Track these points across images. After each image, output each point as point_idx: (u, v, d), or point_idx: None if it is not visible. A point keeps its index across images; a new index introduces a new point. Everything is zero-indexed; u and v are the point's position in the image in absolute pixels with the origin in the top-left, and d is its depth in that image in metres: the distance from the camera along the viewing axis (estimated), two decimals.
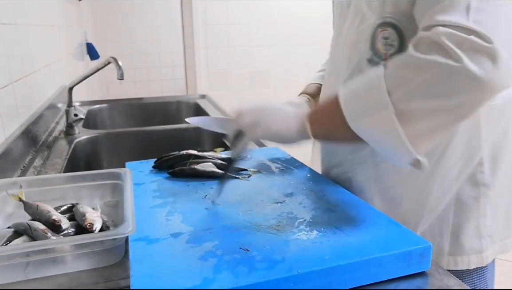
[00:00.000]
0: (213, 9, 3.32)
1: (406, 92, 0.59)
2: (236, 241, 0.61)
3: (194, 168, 0.90)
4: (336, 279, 0.55)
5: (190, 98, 2.16)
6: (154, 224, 0.67)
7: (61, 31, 2.01)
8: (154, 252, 0.58)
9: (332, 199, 0.76)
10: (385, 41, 0.74)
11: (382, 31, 0.74)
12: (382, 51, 0.75)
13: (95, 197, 0.78)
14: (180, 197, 0.79)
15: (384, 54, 0.75)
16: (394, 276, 0.58)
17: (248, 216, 0.70)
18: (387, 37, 0.74)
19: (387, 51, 0.74)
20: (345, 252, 0.58)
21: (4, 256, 0.56)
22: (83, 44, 2.80)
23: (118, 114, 2.00)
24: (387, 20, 0.73)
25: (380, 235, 0.62)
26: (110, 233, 0.60)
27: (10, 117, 1.09)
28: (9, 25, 1.15)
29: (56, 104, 1.63)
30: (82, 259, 0.60)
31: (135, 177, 0.87)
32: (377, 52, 0.76)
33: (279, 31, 3.46)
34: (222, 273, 0.53)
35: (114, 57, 1.33)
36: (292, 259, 0.56)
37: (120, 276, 0.59)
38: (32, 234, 0.61)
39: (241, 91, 3.52)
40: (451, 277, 0.59)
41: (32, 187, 0.75)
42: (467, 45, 0.56)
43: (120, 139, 1.49)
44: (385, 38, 0.74)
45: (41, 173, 1.07)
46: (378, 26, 0.75)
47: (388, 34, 0.74)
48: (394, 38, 0.73)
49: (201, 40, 3.35)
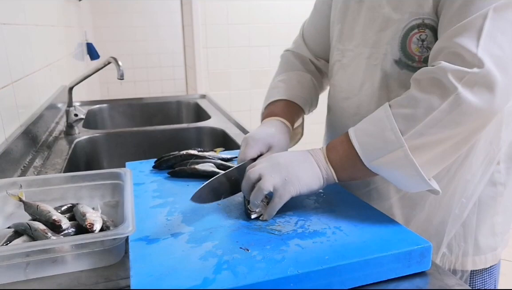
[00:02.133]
0: (213, 9, 3.32)
1: (417, 130, 0.63)
2: (236, 241, 0.61)
3: (194, 168, 0.90)
4: (336, 279, 0.55)
5: (190, 98, 2.16)
6: (154, 224, 0.67)
7: (61, 31, 2.02)
8: (154, 252, 0.58)
9: (332, 199, 0.76)
10: (421, 43, 0.72)
11: (418, 32, 0.72)
12: (416, 53, 0.74)
13: (95, 197, 0.78)
14: (180, 197, 0.79)
15: (418, 57, 0.73)
16: (394, 276, 0.58)
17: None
18: (424, 39, 0.72)
19: (422, 54, 0.73)
20: (345, 252, 0.58)
21: (4, 256, 0.56)
22: (83, 44, 2.80)
23: (118, 114, 2.00)
24: (425, 21, 0.71)
25: (380, 235, 0.62)
26: (110, 233, 0.60)
27: (10, 117, 1.09)
28: (9, 25, 1.15)
29: (56, 104, 1.63)
30: (82, 259, 0.60)
31: (135, 177, 0.87)
32: (409, 54, 0.74)
33: (279, 31, 3.46)
34: (222, 273, 0.53)
35: (114, 57, 1.33)
36: (292, 259, 0.56)
37: (120, 276, 0.59)
38: (32, 234, 0.61)
39: (241, 91, 3.52)
40: (451, 277, 0.59)
41: (32, 187, 0.75)
42: (467, 79, 0.60)
43: (120, 139, 1.49)
44: (422, 40, 0.72)
45: (41, 173, 1.07)
46: (415, 27, 0.72)
47: (425, 36, 0.72)
48: (432, 40, 0.71)
49: (201, 40, 3.35)
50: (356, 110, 0.84)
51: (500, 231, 0.85)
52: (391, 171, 0.66)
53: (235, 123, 1.56)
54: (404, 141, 0.63)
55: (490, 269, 0.87)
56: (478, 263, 0.85)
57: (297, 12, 3.46)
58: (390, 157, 0.64)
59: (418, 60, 0.74)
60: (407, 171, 0.64)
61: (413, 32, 0.73)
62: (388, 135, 0.64)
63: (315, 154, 0.71)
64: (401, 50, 0.75)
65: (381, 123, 0.65)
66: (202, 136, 1.55)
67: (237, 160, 0.80)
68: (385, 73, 0.77)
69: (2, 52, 1.06)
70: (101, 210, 0.72)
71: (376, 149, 0.65)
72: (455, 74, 0.60)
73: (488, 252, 0.85)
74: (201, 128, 1.57)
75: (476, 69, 0.60)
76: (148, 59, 3.43)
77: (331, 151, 0.71)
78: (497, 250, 0.86)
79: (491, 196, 0.82)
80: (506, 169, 0.82)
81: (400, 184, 0.68)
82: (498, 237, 0.85)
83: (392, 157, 0.64)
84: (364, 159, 0.67)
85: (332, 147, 0.72)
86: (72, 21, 2.41)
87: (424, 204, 0.82)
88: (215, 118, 1.67)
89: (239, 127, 1.51)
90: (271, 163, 0.69)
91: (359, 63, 0.82)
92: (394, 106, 0.66)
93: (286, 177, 0.67)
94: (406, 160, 0.63)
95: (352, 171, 0.70)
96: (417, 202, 0.82)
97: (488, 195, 0.82)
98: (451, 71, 0.61)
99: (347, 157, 0.69)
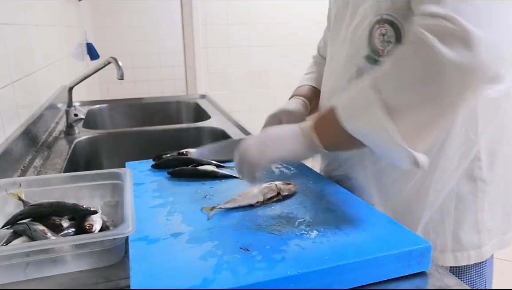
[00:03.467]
0: (213, 9, 3.32)
1: (392, 86, 0.61)
2: (236, 241, 0.61)
3: (194, 168, 0.90)
4: (336, 279, 0.55)
5: (190, 98, 2.16)
6: (154, 224, 0.67)
7: (61, 31, 2.02)
8: (154, 252, 0.58)
9: (332, 199, 0.76)
10: (382, 38, 0.76)
11: (379, 28, 0.76)
12: (379, 47, 0.77)
13: (95, 197, 0.78)
14: (180, 197, 0.79)
15: (382, 51, 0.76)
16: (394, 276, 0.58)
17: (248, 216, 0.70)
18: (384, 33, 0.75)
19: (384, 47, 0.76)
20: (345, 252, 0.58)
21: (4, 256, 0.56)
22: (83, 44, 2.80)
23: (118, 114, 2.00)
24: (384, 17, 0.75)
25: (380, 235, 0.62)
26: (110, 233, 0.60)
27: (10, 117, 1.09)
28: (9, 25, 1.15)
29: (56, 104, 1.63)
30: (82, 259, 0.60)
31: (135, 177, 0.87)
32: (374, 48, 0.77)
33: (279, 31, 3.46)
34: (222, 273, 0.53)
35: (114, 57, 1.33)
36: (292, 259, 0.56)
37: (120, 276, 0.59)
38: (31, 234, 0.61)
39: (241, 91, 3.52)
40: (451, 277, 0.59)
41: (32, 187, 0.75)
42: (439, 31, 0.57)
43: (120, 139, 1.49)
44: (382, 35, 0.75)
45: (41, 173, 1.07)
46: (376, 23, 0.76)
47: (385, 31, 0.75)
48: (391, 34, 0.74)
49: (201, 40, 3.35)
50: None
51: (487, 229, 0.84)
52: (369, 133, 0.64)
53: (235, 123, 1.56)
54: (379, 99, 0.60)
55: (478, 268, 0.87)
56: (460, 258, 0.84)
57: (297, 12, 3.46)
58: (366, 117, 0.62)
59: (382, 54, 0.76)
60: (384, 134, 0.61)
61: (375, 28, 0.76)
62: (365, 93, 0.63)
63: (303, 124, 0.73)
64: (368, 45, 0.78)
65: (361, 83, 0.65)
66: (202, 136, 1.55)
67: None
68: (360, 70, 0.80)
69: (2, 52, 1.06)
70: (101, 210, 0.72)
71: (353, 108, 0.65)
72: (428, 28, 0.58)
73: (471, 249, 0.84)
74: (201, 128, 1.57)
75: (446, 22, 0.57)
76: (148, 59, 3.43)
77: (318, 117, 0.73)
78: (482, 248, 0.84)
79: (471, 192, 0.82)
80: (488, 165, 0.81)
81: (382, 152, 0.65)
82: (483, 234, 0.84)
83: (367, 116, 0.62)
84: (342, 119, 0.65)
85: (319, 114, 0.74)
86: (72, 21, 2.41)
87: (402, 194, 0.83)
88: (215, 118, 1.67)
89: (239, 127, 1.51)
90: (255, 138, 0.75)
91: (340, 61, 0.86)
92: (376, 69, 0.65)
93: (264, 148, 0.72)
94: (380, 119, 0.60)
95: (335, 136, 0.70)
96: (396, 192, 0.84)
97: (468, 191, 0.82)
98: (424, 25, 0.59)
99: (329, 121, 0.69)
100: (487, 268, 0.88)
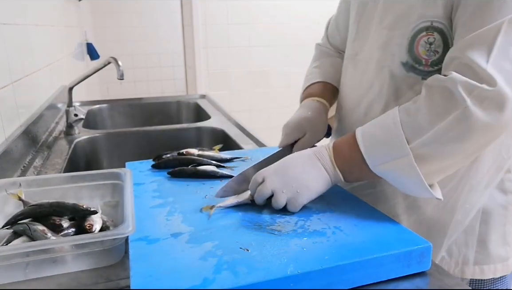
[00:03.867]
0: (213, 9, 3.32)
1: (424, 140, 0.63)
2: (236, 241, 0.61)
3: (194, 168, 0.90)
4: (336, 279, 0.55)
5: (190, 98, 2.16)
6: (154, 224, 0.67)
7: (61, 31, 2.01)
8: (154, 252, 0.58)
9: (332, 199, 0.76)
10: (429, 47, 0.71)
11: (426, 35, 0.71)
12: (423, 56, 0.72)
13: (95, 197, 0.78)
14: (180, 197, 0.79)
15: (425, 60, 0.72)
16: (394, 276, 0.58)
17: (248, 216, 0.70)
18: (432, 42, 0.71)
19: (429, 57, 0.72)
20: (345, 252, 0.58)
21: (4, 256, 0.56)
22: (83, 44, 2.80)
23: (118, 114, 2.00)
24: (434, 24, 0.70)
25: (380, 235, 0.62)
26: (110, 233, 0.60)
27: (10, 117, 1.09)
28: (9, 25, 1.15)
29: (56, 104, 1.63)
30: (82, 259, 0.60)
31: (135, 177, 0.87)
32: (416, 56, 0.73)
33: (279, 31, 3.46)
34: (222, 273, 0.53)
35: (114, 57, 1.33)
36: (292, 259, 0.56)
37: (120, 276, 0.59)
38: (31, 234, 0.61)
39: (241, 91, 3.52)
40: (451, 277, 0.59)
41: (32, 187, 0.75)
42: (477, 93, 0.59)
43: (120, 139, 1.49)
44: (429, 44, 0.71)
45: (41, 173, 1.07)
46: (423, 30, 0.71)
47: (433, 39, 0.71)
48: (440, 44, 0.70)
49: (201, 40, 3.35)
50: (365, 110, 0.84)
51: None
52: (395, 177, 0.67)
53: (235, 123, 1.56)
54: (410, 150, 0.63)
55: (500, 281, 0.86)
56: (486, 271, 0.83)
57: (297, 12, 3.46)
58: (395, 164, 0.65)
59: (425, 63, 0.72)
60: (411, 178, 0.64)
61: (421, 35, 0.72)
62: (394, 142, 0.64)
63: (321, 156, 0.71)
64: (408, 52, 0.74)
65: (388, 129, 0.66)
66: (202, 137, 1.55)
67: None
68: (393, 76, 0.77)
69: (2, 52, 1.06)
70: (101, 210, 0.72)
71: (382, 154, 0.66)
72: (465, 87, 0.60)
73: (498, 261, 0.83)
74: (201, 128, 1.57)
75: (485, 86, 0.59)
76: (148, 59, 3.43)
77: (337, 153, 0.71)
78: (508, 261, 0.84)
79: (501, 205, 0.81)
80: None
81: (403, 188, 0.69)
82: (510, 246, 0.84)
83: (397, 164, 0.64)
84: (369, 163, 0.67)
85: (338, 149, 0.71)
86: (72, 21, 2.41)
87: (427, 207, 0.82)
88: (215, 118, 1.67)
89: (239, 127, 1.51)
90: (281, 176, 0.70)
91: (370, 63, 0.82)
92: (402, 112, 0.66)
93: (297, 189, 0.69)
94: (410, 168, 0.63)
95: (358, 174, 0.71)
96: (421, 205, 0.82)
97: (498, 203, 0.81)
98: (461, 82, 0.60)
99: (353, 161, 0.69)
100: (508, 280, 0.88)
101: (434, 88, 0.64)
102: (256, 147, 1.26)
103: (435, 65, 0.72)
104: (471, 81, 0.60)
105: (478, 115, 0.59)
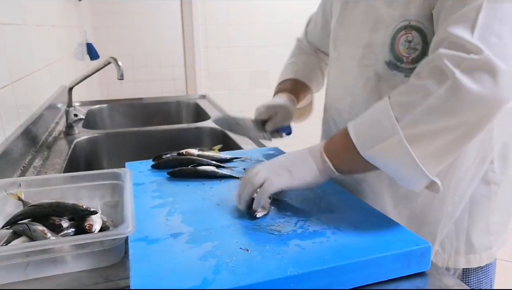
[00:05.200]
0: (213, 9, 3.32)
1: (413, 117, 0.61)
2: (236, 241, 0.61)
3: (194, 168, 0.90)
4: (336, 279, 0.55)
5: (190, 98, 2.16)
6: (154, 224, 0.67)
7: (61, 31, 2.01)
8: (154, 252, 0.58)
9: (332, 199, 0.76)
10: (408, 44, 0.73)
11: (405, 34, 0.73)
12: (403, 54, 0.74)
13: (95, 197, 0.78)
14: (180, 197, 0.79)
15: (406, 58, 0.74)
16: (394, 276, 0.58)
17: (248, 216, 0.70)
18: (410, 40, 0.73)
19: (410, 54, 0.74)
20: (345, 252, 0.58)
21: (4, 256, 0.56)
22: (83, 44, 2.80)
23: (118, 114, 2.00)
24: (411, 23, 0.72)
25: (380, 235, 0.62)
26: (110, 233, 0.60)
27: (10, 117, 1.09)
28: (9, 25, 1.15)
29: (56, 104, 1.63)
30: (82, 259, 0.60)
31: (135, 177, 0.87)
32: (397, 55, 0.75)
33: (279, 31, 3.46)
34: (222, 273, 0.53)
35: (114, 57, 1.33)
36: (292, 259, 0.56)
37: (120, 276, 0.59)
38: (31, 234, 0.61)
39: (241, 91, 3.52)
40: (450, 277, 0.59)
41: (32, 187, 0.75)
42: (465, 64, 0.58)
43: (120, 139, 1.49)
44: (408, 42, 0.73)
45: (41, 173, 1.07)
46: (402, 29, 0.73)
47: (412, 38, 0.72)
48: (418, 41, 0.72)
49: (201, 40, 3.35)
50: (349, 109, 0.85)
51: (496, 231, 0.85)
52: (388, 163, 0.64)
53: None
54: (400, 128, 0.60)
55: (485, 268, 0.87)
56: (472, 261, 0.85)
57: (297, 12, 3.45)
58: (384, 145, 0.62)
59: (406, 61, 0.75)
60: (404, 163, 0.61)
61: (400, 34, 0.74)
62: (383, 123, 0.62)
63: (312, 149, 0.71)
64: (390, 51, 0.76)
65: (378, 112, 0.65)
66: (202, 137, 1.55)
67: None
68: (377, 75, 0.79)
69: (2, 52, 1.06)
70: (101, 210, 0.72)
71: (371, 137, 0.64)
72: (452, 59, 0.58)
73: (483, 251, 0.85)
74: (201, 128, 1.57)
75: (473, 55, 0.57)
76: (148, 59, 3.42)
77: (329, 143, 0.71)
78: (492, 249, 0.86)
79: (485, 195, 0.82)
80: (500, 168, 0.82)
81: (399, 177, 0.65)
82: (493, 236, 0.85)
83: (386, 145, 0.62)
84: (359, 148, 0.65)
85: (331, 139, 0.72)
86: (72, 21, 2.41)
87: (417, 201, 0.82)
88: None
89: None
90: (267, 162, 0.73)
91: (353, 63, 0.84)
92: (393, 95, 0.65)
93: (278, 171, 0.69)
94: (401, 148, 0.60)
95: (350, 162, 0.69)
96: (410, 199, 0.82)
97: (482, 194, 0.82)
98: (448, 56, 0.59)
99: (344, 148, 0.68)
100: (491, 267, 0.89)
101: (422, 69, 0.63)
102: (256, 147, 1.26)
103: (416, 62, 0.73)
104: (458, 53, 0.58)
105: (469, 86, 0.57)
